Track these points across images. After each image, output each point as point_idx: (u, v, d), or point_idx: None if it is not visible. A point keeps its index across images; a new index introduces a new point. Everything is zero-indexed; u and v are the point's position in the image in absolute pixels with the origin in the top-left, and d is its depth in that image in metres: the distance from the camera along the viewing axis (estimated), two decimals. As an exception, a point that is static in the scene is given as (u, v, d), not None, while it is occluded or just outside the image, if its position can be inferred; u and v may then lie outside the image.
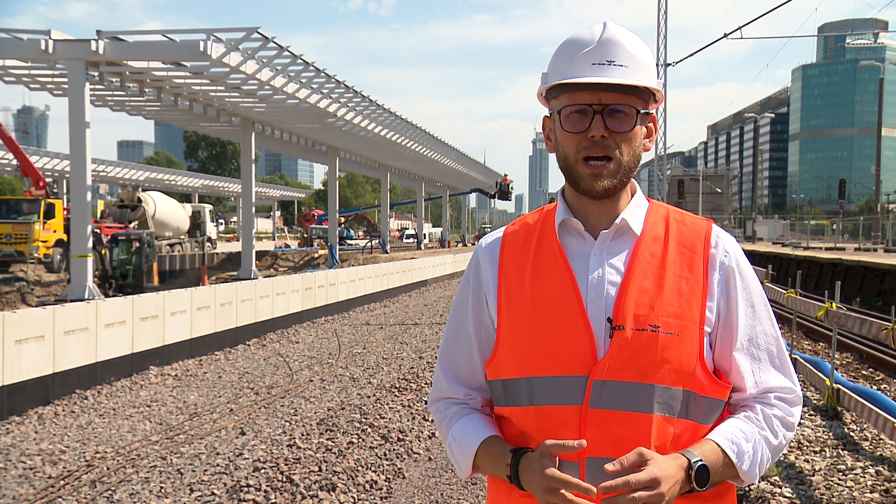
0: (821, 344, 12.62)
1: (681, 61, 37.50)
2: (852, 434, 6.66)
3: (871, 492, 5.14)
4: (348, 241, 52.53)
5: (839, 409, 7.23)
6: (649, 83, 1.61)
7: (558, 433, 1.56)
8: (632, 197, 1.70)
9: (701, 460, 1.52)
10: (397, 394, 9.62)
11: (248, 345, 14.55)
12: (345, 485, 6.23)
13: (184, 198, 55.25)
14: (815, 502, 5.01)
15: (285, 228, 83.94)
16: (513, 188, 55.23)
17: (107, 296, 18.01)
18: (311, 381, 10.69)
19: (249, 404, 9.40)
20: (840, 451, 6.13)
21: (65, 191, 42.79)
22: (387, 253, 39.01)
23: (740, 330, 1.65)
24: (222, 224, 74.81)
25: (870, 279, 20.04)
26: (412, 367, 11.41)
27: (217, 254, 38.67)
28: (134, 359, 11.48)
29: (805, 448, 6.22)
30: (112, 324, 10.99)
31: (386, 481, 6.54)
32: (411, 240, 65.66)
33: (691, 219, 1.72)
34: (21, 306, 19.77)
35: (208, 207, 45.44)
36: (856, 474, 5.51)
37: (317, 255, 36.48)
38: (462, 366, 1.78)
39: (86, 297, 15.26)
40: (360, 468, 6.66)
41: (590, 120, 1.60)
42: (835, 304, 7.34)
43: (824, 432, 6.70)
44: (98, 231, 23.32)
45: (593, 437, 1.55)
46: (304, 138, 30.09)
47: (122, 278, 23.03)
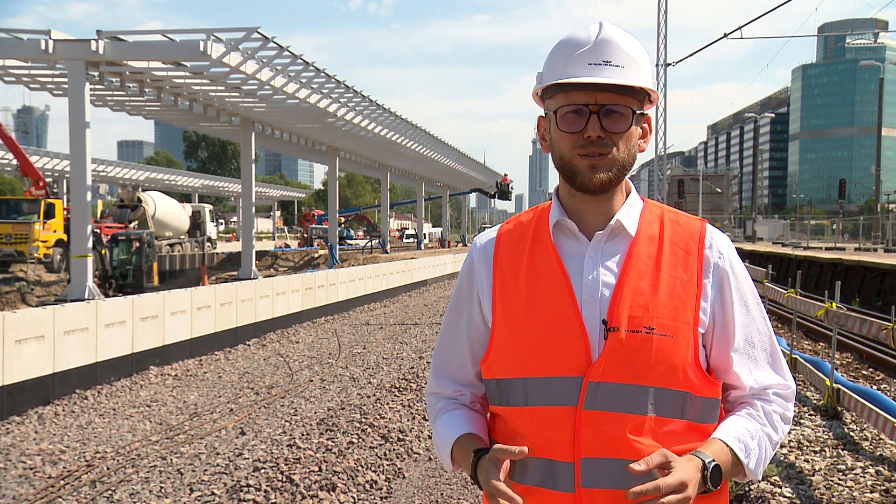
0: (821, 344, 12.62)
1: (681, 61, 37.57)
2: (852, 434, 6.66)
3: (871, 492, 5.14)
4: (348, 241, 52.56)
5: (839, 408, 7.23)
6: (645, 84, 1.62)
7: (552, 433, 1.58)
8: (626, 197, 1.70)
9: (714, 461, 1.54)
10: (397, 394, 9.62)
11: (248, 345, 14.55)
12: (345, 485, 6.23)
13: (184, 198, 55.23)
14: (815, 502, 5.01)
15: (285, 228, 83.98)
16: (513, 188, 55.23)
17: (107, 296, 18.01)
18: (311, 380, 10.69)
19: (249, 404, 9.40)
20: (840, 450, 6.13)
21: (65, 191, 42.81)
22: (387, 253, 39.01)
23: (737, 331, 1.67)
24: (222, 224, 74.80)
25: (870, 279, 20.02)
26: (412, 367, 11.41)
27: (217, 254, 38.68)
28: (134, 359, 11.48)
29: (805, 448, 6.21)
30: (112, 324, 11.00)
31: (386, 481, 6.55)
32: (411, 240, 65.64)
33: (686, 219, 1.73)
34: (21, 306, 19.78)
35: (208, 207, 45.44)
36: (856, 474, 5.51)
37: (317, 255, 36.48)
38: (453, 363, 1.81)
39: (86, 297, 15.28)
40: (360, 468, 6.66)
41: (586, 120, 1.60)
42: (835, 304, 7.34)
43: (824, 432, 6.70)
44: (98, 231, 23.31)
45: (588, 438, 1.56)
46: (304, 138, 30.10)
47: (122, 278, 23.05)
